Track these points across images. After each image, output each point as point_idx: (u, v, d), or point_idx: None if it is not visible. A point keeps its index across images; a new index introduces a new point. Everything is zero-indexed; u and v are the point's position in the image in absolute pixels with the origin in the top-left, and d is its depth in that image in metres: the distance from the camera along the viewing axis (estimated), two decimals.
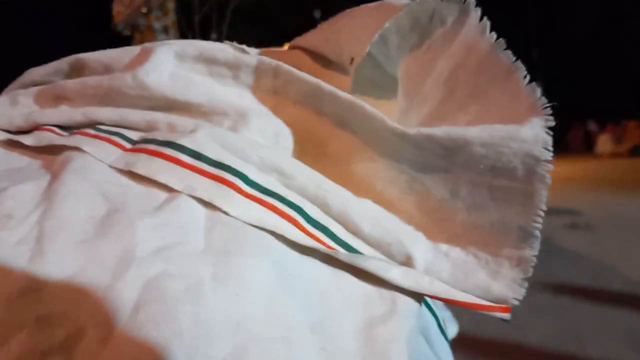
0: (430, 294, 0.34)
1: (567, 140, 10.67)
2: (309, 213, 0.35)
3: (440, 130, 0.34)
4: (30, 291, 0.29)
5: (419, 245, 0.36)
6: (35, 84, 0.48)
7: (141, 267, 0.30)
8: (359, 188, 0.38)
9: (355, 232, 0.36)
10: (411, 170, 0.37)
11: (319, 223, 0.35)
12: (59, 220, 0.32)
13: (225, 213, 0.34)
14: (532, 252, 0.34)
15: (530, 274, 0.33)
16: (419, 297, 0.36)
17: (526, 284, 0.34)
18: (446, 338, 0.43)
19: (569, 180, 6.28)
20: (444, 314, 0.48)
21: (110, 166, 0.36)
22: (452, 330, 0.54)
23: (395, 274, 0.34)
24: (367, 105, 0.37)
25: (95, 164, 0.36)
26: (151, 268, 0.30)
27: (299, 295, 0.33)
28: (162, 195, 0.35)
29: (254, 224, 0.33)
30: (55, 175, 0.35)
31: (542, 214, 0.33)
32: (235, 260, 0.32)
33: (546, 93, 0.33)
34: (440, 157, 0.35)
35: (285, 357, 0.30)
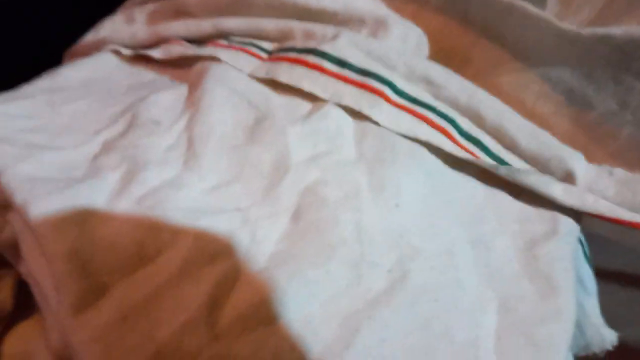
0: (595, 212, 0.31)
1: None
2: (461, 125, 0.33)
3: (619, 30, 0.30)
4: None
5: (579, 161, 0.33)
6: (151, 0, 0.46)
7: (298, 173, 0.29)
8: (507, 103, 0.35)
9: (511, 147, 0.33)
10: (572, 79, 0.33)
11: (471, 136, 0.33)
12: (208, 126, 0.31)
13: (375, 123, 0.32)
14: None
15: None
16: (578, 218, 0.33)
17: None
18: (592, 268, 0.40)
19: None
20: None
21: (250, 76, 0.35)
22: None
23: (558, 190, 0.32)
24: (529, 4, 0.33)
25: (235, 73, 0.34)
26: (308, 175, 0.29)
27: (455, 210, 0.31)
28: (307, 104, 0.33)
29: (405, 134, 0.31)
30: (194, 85, 0.34)
31: None
32: (389, 170, 0.30)
33: None
34: (613, 62, 0.32)
35: (450, 271, 0.28)
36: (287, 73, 0.33)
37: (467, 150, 0.32)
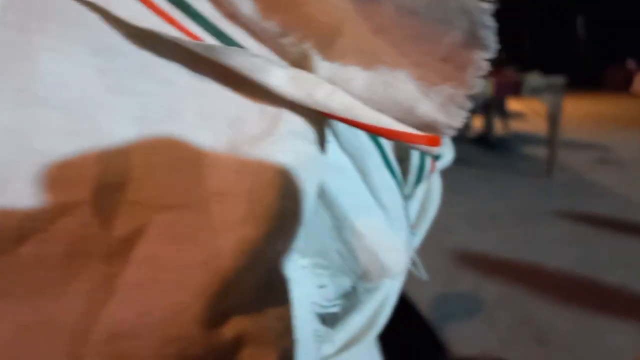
0: (325, 110, 0.23)
1: (605, 78, 9.52)
2: None
3: None
4: None
5: None
6: None
7: None
8: None
9: (232, 14, 0.24)
10: None
11: None
12: None
13: None
14: (484, 53, 0.20)
15: (478, 89, 0.21)
16: (319, 117, 0.24)
17: (469, 105, 0.21)
18: (393, 172, 0.32)
19: (601, 116, 6.13)
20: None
21: None
22: (446, 158, 0.43)
23: (278, 77, 0.23)
24: None
25: None
26: None
27: (133, 101, 0.23)
28: None
29: None
30: None
31: None
32: (28, 44, 0.22)
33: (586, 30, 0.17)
34: None
35: None
36: None
37: (166, 18, 0.23)
